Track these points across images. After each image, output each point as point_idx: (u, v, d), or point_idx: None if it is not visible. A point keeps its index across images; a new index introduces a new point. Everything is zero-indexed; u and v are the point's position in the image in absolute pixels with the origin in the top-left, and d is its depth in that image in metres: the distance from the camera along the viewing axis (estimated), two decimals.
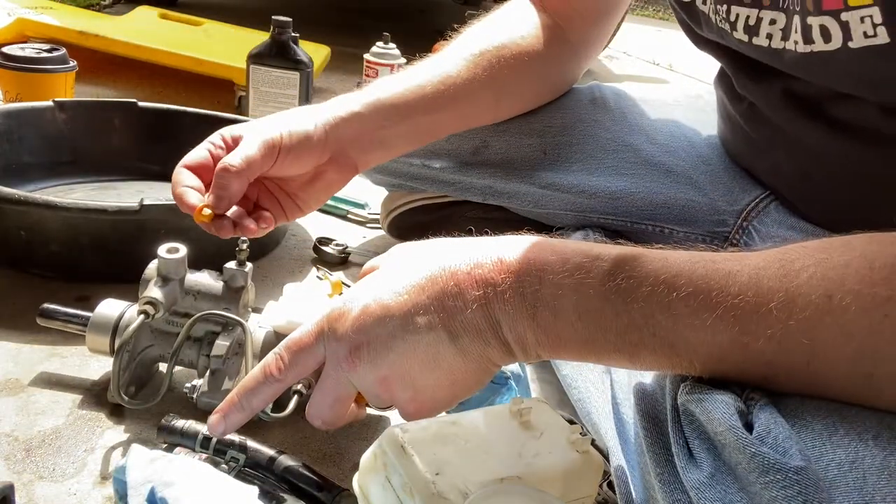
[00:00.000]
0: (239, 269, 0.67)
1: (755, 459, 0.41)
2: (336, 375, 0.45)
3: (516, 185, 0.86)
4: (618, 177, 0.83)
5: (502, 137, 0.88)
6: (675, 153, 0.84)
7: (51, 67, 1.25)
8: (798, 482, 0.40)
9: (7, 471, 0.57)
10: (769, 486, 0.40)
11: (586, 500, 0.53)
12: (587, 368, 0.64)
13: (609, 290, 0.42)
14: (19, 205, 0.77)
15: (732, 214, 0.80)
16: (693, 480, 0.44)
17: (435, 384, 0.45)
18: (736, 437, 0.42)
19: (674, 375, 0.50)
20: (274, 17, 1.31)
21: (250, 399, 0.46)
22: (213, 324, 0.66)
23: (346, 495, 0.54)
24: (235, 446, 0.57)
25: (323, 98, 0.70)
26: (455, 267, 0.46)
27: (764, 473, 0.40)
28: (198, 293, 0.66)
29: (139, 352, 0.65)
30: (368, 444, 0.59)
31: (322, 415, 0.47)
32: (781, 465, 0.40)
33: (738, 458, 0.42)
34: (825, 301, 0.38)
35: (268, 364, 0.47)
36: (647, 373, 0.58)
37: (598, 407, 0.61)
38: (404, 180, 0.94)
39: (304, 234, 1.07)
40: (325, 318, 0.46)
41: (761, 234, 0.76)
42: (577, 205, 0.84)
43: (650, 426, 0.50)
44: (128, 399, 0.62)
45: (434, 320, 0.44)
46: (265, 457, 0.56)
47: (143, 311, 0.62)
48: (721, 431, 0.43)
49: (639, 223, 0.84)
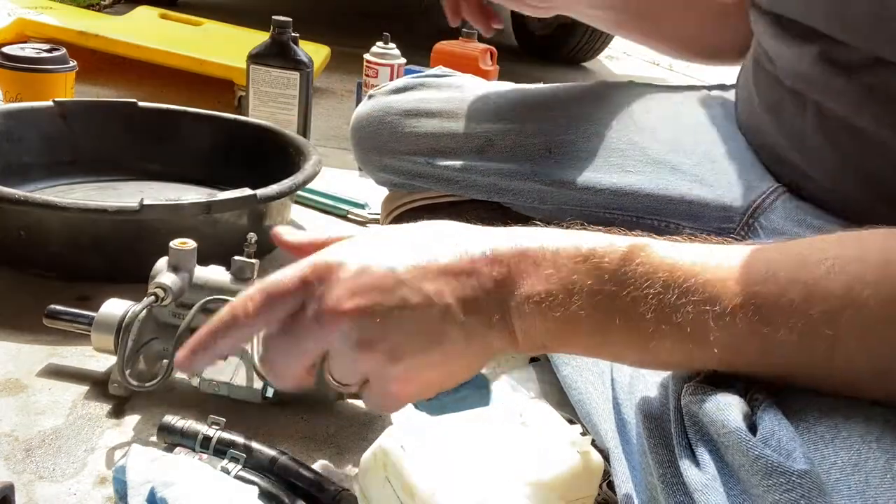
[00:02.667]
0: (247, 261, 0.68)
1: (758, 462, 0.41)
2: (310, 328, 0.42)
3: (521, 183, 0.86)
4: (623, 174, 0.83)
5: (507, 136, 0.88)
6: (681, 150, 0.84)
7: (51, 67, 1.25)
8: (801, 486, 0.40)
9: (7, 471, 0.57)
10: (772, 490, 0.40)
11: (586, 500, 0.53)
12: (587, 369, 0.64)
13: (625, 274, 0.41)
14: (19, 205, 0.77)
15: (739, 211, 0.80)
16: (696, 482, 0.44)
17: (427, 363, 0.43)
18: (739, 439, 0.42)
19: (677, 376, 0.50)
20: (274, 17, 1.31)
21: (216, 340, 0.43)
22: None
23: (345, 495, 0.54)
24: (236, 446, 0.57)
25: (323, 98, 0.70)
26: (471, 246, 0.44)
27: (767, 476, 0.40)
28: (205, 285, 0.67)
29: (143, 343, 0.65)
30: (368, 444, 0.59)
31: (275, 362, 0.43)
32: (785, 468, 0.40)
33: (742, 461, 0.42)
34: (845, 293, 0.38)
35: (237, 305, 0.43)
36: (649, 374, 0.58)
37: (598, 408, 0.61)
38: (408, 179, 0.95)
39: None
40: (311, 269, 0.42)
41: (767, 230, 0.76)
42: (582, 201, 0.84)
43: (652, 427, 0.50)
44: (135, 383, 0.63)
45: (444, 295, 0.42)
46: (266, 457, 0.56)
47: (154, 293, 0.63)
48: (724, 433, 0.43)
49: (643, 218, 0.84)
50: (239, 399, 0.64)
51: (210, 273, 0.68)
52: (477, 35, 1.58)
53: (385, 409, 0.47)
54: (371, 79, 1.45)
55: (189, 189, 1.10)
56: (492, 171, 0.88)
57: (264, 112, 1.32)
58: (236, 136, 1.12)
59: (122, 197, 1.06)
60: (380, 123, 0.95)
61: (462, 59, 1.48)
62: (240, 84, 1.53)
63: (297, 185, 0.91)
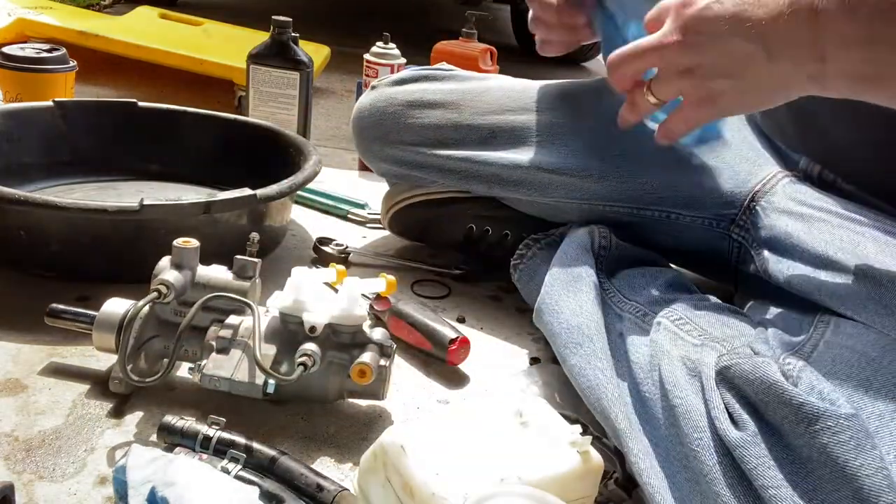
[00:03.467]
0: (249, 259, 0.68)
1: (803, 409, 0.42)
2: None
3: (523, 173, 0.87)
4: (625, 161, 0.84)
5: (511, 127, 0.88)
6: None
7: (51, 67, 1.25)
8: (849, 427, 0.40)
9: (7, 471, 0.57)
10: (819, 434, 0.41)
11: (586, 500, 0.53)
12: (595, 357, 0.64)
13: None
14: (19, 205, 0.77)
15: (739, 196, 0.80)
16: (736, 439, 0.45)
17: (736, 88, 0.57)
18: (782, 390, 0.43)
19: (707, 347, 0.52)
20: (274, 17, 1.31)
21: None
22: (219, 312, 0.67)
23: (345, 495, 0.54)
24: (236, 446, 0.57)
25: (323, 98, 0.70)
26: None
27: (813, 422, 0.41)
28: (208, 284, 0.67)
29: (145, 340, 0.65)
30: (368, 444, 0.59)
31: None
32: (831, 412, 0.41)
33: (785, 412, 0.43)
34: None
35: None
36: (671, 349, 0.59)
37: (608, 392, 0.61)
38: (409, 169, 0.95)
39: (304, 234, 1.07)
40: None
41: (767, 210, 0.77)
42: (583, 190, 0.85)
43: (684, 396, 0.51)
44: (136, 378, 0.63)
45: (759, 34, 0.54)
46: (266, 457, 0.57)
47: (157, 290, 0.64)
48: (764, 390, 0.44)
49: (645, 209, 0.84)
50: (239, 395, 0.64)
51: (212, 272, 0.68)
52: (477, 35, 1.58)
53: (683, 126, 0.64)
54: (371, 79, 1.45)
55: (189, 189, 1.10)
56: (494, 162, 0.88)
57: (264, 112, 1.32)
58: (236, 136, 1.12)
59: (122, 197, 1.06)
60: (382, 114, 0.95)
61: (462, 59, 1.48)
62: (240, 84, 1.53)
63: (297, 185, 0.91)
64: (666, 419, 0.55)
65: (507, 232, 0.94)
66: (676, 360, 0.57)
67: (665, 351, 0.59)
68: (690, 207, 0.83)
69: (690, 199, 0.83)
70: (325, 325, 0.64)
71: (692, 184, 0.82)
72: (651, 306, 0.69)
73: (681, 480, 0.51)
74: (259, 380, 0.63)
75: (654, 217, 0.85)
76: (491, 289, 0.96)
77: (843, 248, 0.66)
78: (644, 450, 0.55)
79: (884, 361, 0.47)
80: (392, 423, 0.68)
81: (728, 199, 0.81)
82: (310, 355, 0.63)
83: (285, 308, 0.66)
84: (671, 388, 0.55)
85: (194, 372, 0.64)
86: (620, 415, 0.59)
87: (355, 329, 0.66)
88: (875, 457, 0.40)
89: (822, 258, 0.67)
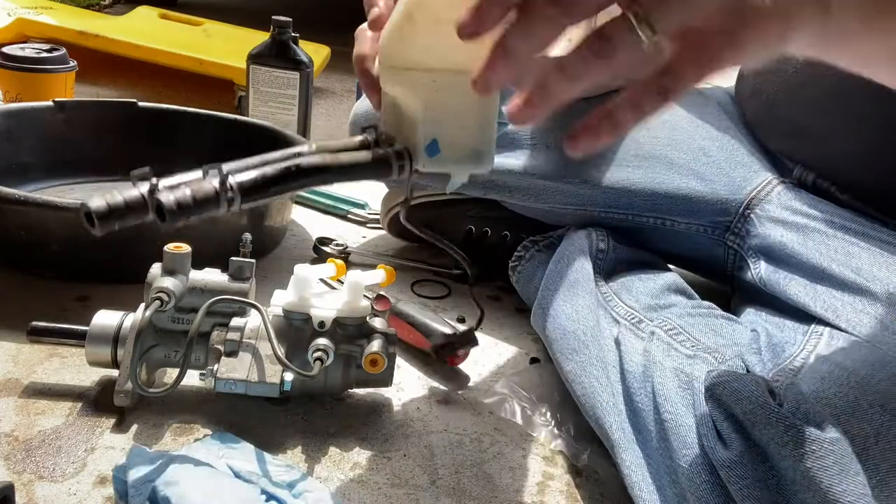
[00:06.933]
0: (245, 261, 0.68)
1: (790, 432, 0.42)
2: None
3: (517, 179, 0.87)
4: (620, 168, 0.84)
5: (504, 132, 0.88)
6: (677, 145, 0.85)
7: (51, 67, 1.25)
8: (833, 452, 0.40)
9: (7, 471, 0.57)
10: (805, 458, 0.41)
11: None
12: (591, 365, 0.64)
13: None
14: (19, 205, 0.77)
15: (734, 203, 0.81)
16: (723, 459, 0.45)
17: None
18: (769, 412, 0.43)
19: (698, 361, 0.50)
20: (274, 17, 1.31)
21: None
22: (221, 315, 0.66)
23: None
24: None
25: (323, 98, 0.70)
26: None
27: (799, 445, 0.41)
28: (204, 288, 0.67)
29: (145, 350, 0.65)
30: (369, 444, 0.59)
31: None
32: (816, 436, 0.41)
33: (771, 434, 0.43)
34: None
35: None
36: (664, 361, 0.59)
37: (603, 401, 0.61)
38: None
39: (304, 233, 1.07)
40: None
41: (762, 219, 0.78)
42: (578, 197, 0.84)
43: (673, 411, 0.51)
44: (149, 389, 0.63)
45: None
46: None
47: (157, 298, 0.63)
48: (751, 409, 0.44)
49: (640, 216, 0.84)
50: (256, 396, 0.64)
51: (207, 276, 0.68)
52: None
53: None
54: None
55: None
56: None
57: (264, 112, 1.32)
58: (236, 136, 1.12)
59: None
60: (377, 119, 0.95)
61: None
62: (240, 84, 1.53)
63: None
64: (657, 432, 0.55)
65: (507, 233, 0.94)
66: (669, 372, 0.57)
67: (658, 362, 0.59)
68: (685, 214, 0.83)
69: (686, 205, 0.83)
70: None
71: (687, 190, 0.82)
72: (646, 312, 0.70)
73: (670, 495, 0.51)
74: (275, 379, 0.63)
75: (650, 223, 0.85)
76: (491, 289, 0.96)
77: (836, 259, 0.66)
78: (636, 462, 0.55)
79: (872, 381, 0.47)
80: (392, 424, 0.68)
81: (723, 206, 0.81)
82: (324, 349, 0.64)
83: (290, 305, 0.66)
84: (662, 402, 0.55)
85: (206, 378, 0.63)
86: (615, 425, 0.59)
87: (360, 321, 0.67)
88: (858, 483, 0.40)
89: (816, 269, 0.67)
